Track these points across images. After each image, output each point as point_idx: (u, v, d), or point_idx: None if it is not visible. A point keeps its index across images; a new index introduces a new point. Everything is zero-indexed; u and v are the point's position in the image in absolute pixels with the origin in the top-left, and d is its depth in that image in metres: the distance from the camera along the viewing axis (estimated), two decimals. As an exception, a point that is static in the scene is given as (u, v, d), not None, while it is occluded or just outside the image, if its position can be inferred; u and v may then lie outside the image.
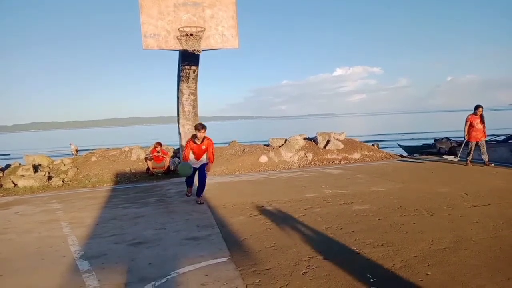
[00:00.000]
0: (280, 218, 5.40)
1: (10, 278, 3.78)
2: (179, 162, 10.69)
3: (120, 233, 5.13)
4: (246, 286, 3.32)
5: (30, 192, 8.96)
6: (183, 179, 9.65)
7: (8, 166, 11.34)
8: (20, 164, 11.22)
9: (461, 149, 10.02)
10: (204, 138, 6.26)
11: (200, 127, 6.15)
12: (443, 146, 12.03)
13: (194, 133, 6.27)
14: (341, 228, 4.76)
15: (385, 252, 3.91)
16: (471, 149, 9.32)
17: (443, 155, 11.35)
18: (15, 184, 9.43)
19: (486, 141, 12.38)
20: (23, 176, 9.80)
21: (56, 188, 9.29)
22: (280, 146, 12.05)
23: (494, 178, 7.50)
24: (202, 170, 6.45)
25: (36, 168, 10.68)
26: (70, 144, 16.04)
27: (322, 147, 12.15)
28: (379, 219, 5.06)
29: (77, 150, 15.84)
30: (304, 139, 12.65)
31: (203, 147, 6.28)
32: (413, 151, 14.15)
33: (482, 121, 9.16)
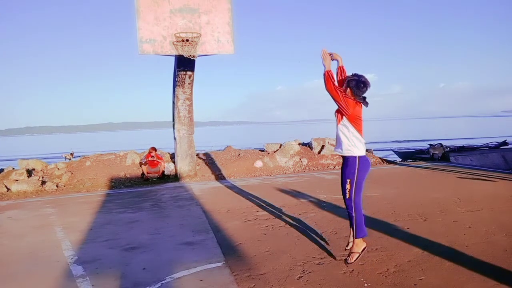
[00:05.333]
0: (275, 223, 5.41)
1: (3, 284, 3.75)
2: (174, 168, 10.69)
3: (114, 238, 5.11)
4: (241, 291, 3.33)
5: (24, 196, 8.88)
6: (178, 184, 9.68)
7: (1, 170, 11.24)
8: (13, 168, 11.13)
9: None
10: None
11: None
12: (437, 152, 12.13)
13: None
14: (336, 233, 4.79)
15: (379, 257, 3.93)
16: None
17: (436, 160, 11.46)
18: (8, 189, 9.34)
19: (478, 147, 12.53)
20: (17, 180, 9.72)
21: (50, 192, 9.22)
22: (275, 151, 12.08)
23: (487, 184, 7.57)
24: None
25: (29, 172, 10.59)
26: (71, 154, 15.90)
27: (316, 152, 12.19)
28: (373, 224, 5.08)
29: (72, 154, 15.71)
30: (299, 144, 12.69)
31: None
32: (407, 156, 14.24)
33: None
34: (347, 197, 3.79)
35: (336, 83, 3.68)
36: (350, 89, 3.70)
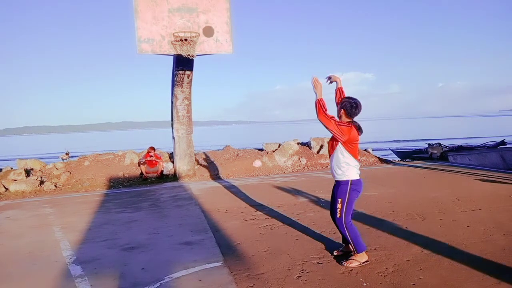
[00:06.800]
0: (274, 223, 5.41)
1: (2, 284, 3.74)
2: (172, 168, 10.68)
3: (113, 237, 5.10)
4: (240, 290, 3.32)
5: (22, 196, 8.87)
6: (176, 183, 9.68)
7: (-1, 170, 11.22)
8: (11, 168, 11.11)
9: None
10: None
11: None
12: (435, 151, 12.15)
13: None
14: (334, 233, 4.78)
15: (377, 256, 3.94)
16: None
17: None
18: (6, 189, 9.32)
19: (477, 147, 12.55)
20: (15, 180, 9.70)
21: (48, 192, 9.21)
22: (274, 151, 12.08)
23: (485, 183, 7.58)
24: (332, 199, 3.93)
25: (28, 172, 10.57)
26: (66, 154, 15.94)
27: (315, 152, 12.20)
28: (371, 224, 5.09)
29: (67, 154, 15.71)
30: (298, 144, 12.70)
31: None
32: (405, 156, 14.26)
33: None
34: (337, 216, 3.75)
35: (328, 112, 3.65)
36: (344, 110, 3.74)
